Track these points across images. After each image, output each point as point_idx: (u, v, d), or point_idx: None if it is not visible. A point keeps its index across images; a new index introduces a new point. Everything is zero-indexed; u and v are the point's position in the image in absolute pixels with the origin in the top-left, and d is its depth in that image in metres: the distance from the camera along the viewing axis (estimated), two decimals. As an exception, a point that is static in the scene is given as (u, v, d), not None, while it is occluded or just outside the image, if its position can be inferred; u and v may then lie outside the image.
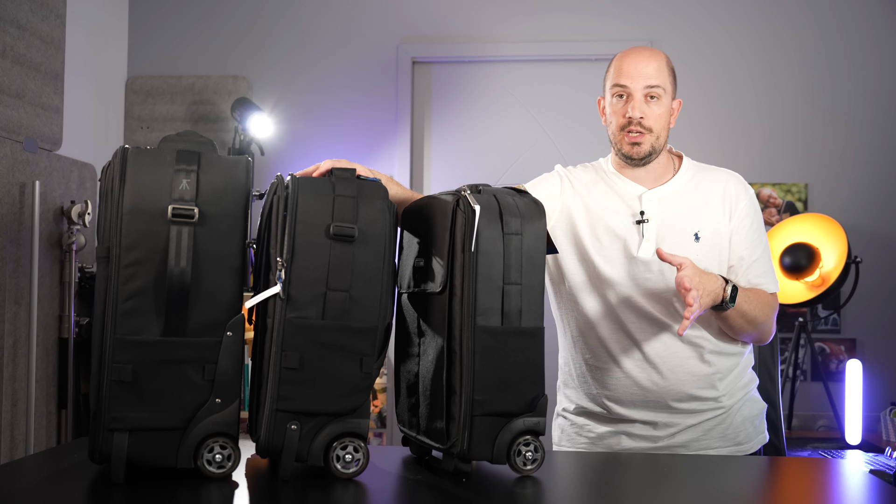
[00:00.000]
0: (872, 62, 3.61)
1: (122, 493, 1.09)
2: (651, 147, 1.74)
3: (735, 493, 1.24)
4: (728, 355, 1.73)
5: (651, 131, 1.73)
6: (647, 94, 1.72)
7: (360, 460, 1.18)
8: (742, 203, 1.76)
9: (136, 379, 1.11)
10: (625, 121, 1.73)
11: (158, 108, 3.74)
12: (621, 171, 1.80)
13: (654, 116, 1.73)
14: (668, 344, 1.68)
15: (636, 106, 1.72)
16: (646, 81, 1.72)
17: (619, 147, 1.77)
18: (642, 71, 1.72)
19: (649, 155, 1.75)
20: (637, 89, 1.72)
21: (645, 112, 1.72)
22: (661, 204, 1.74)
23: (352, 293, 1.16)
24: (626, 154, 1.75)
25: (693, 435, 1.70)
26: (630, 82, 1.72)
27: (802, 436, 3.28)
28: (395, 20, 3.75)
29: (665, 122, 1.76)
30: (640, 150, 1.74)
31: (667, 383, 1.67)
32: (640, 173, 1.78)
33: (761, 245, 1.76)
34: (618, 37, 3.65)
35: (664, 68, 1.75)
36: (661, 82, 1.73)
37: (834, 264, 3.14)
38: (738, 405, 1.73)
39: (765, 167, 3.63)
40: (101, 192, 1.17)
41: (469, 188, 1.24)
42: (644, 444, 1.70)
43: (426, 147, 3.79)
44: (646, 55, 1.75)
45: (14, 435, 2.48)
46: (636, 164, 1.76)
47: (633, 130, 1.72)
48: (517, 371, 1.20)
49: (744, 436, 1.74)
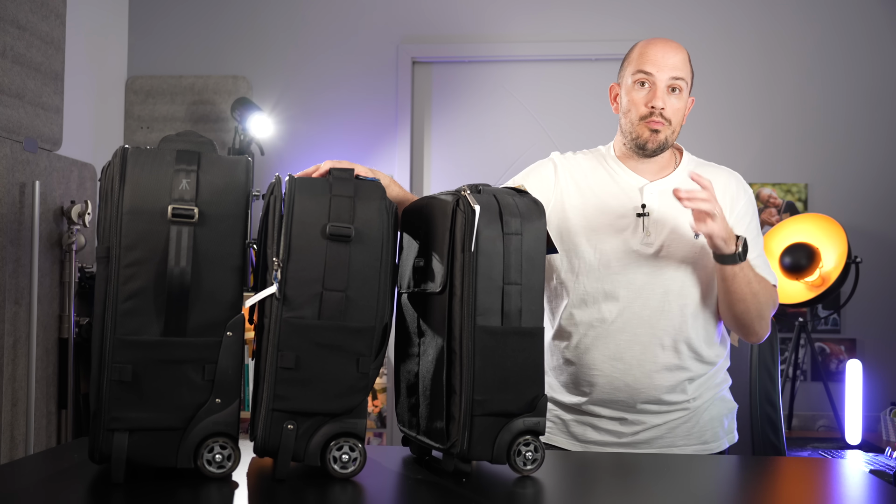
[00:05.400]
0: (872, 62, 3.61)
1: (122, 493, 1.09)
2: (666, 139, 1.71)
3: (735, 492, 1.24)
4: (705, 362, 1.72)
5: (670, 123, 1.70)
6: (670, 86, 1.69)
7: (357, 460, 1.17)
8: (741, 201, 1.75)
9: (136, 379, 1.11)
10: (647, 110, 1.69)
11: (158, 108, 3.74)
12: (624, 161, 1.77)
13: (674, 109, 1.70)
14: (647, 346, 1.67)
15: (660, 96, 1.68)
16: (671, 72, 1.68)
17: (635, 135, 1.72)
18: (669, 61, 1.69)
19: (662, 147, 1.72)
20: (662, 79, 1.68)
21: (667, 103, 1.69)
22: (663, 197, 1.71)
23: (348, 293, 1.16)
24: (643, 142, 1.71)
25: (658, 433, 1.70)
26: (656, 71, 1.68)
27: (802, 436, 3.28)
28: (395, 20, 3.75)
29: (681, 117, 1.73)
30: (657, 140, 1.70)
31: (639, 385, 1.66)
32: (643, 165, 1.75)
33: (759, 244, 1.75)
34: (618, 37, 3.65)
35: (687, 62, 1.72)
36: (685, 75, 1.70)
37: (834, 264, 3.14)
38: (706, 405, 1.73)
39: (765, 167, 3.63)
40: (101, 192, 1.17)
41: (469, 188, 1.24)
42: (609, 438, 1.70)
43: (426, 147, 3.79)
44: (673, 46, 1.71)
45: (14, 435, 2.48)
46: (646, 154, 1.73)
47: (656, 120, 1.69)
48: (517, 371, 1.20)
49: (710, 435, 1.73)
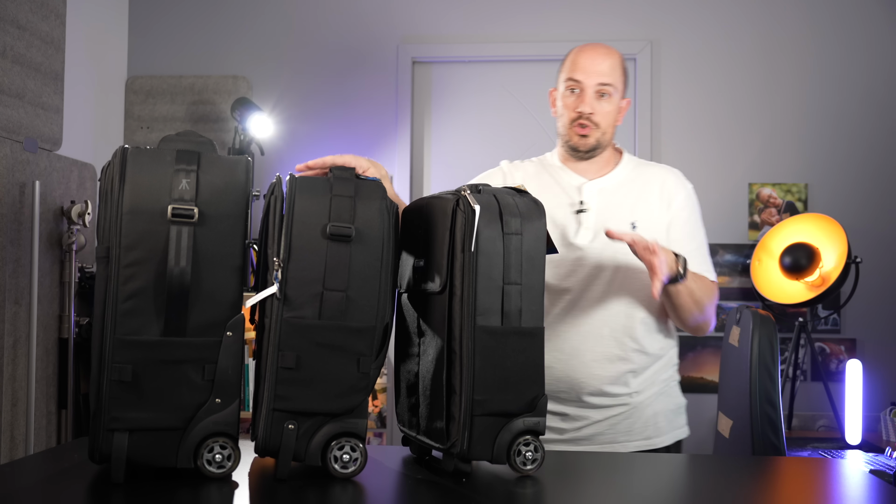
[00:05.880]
0: (872, 62, 3.61)
1: (122, 493, 1.09)
2: (597, 141, 1.80)
3: (735, 492, 1.24)
4: (649, 355, 1.75)
5: (598, 126, 1.79)
6: (599, 91, 1.78)
7: (357, 460, 1.17)
8: (680, 196, 1.81)
9: (136, 379, 1.11)
10: (575, 115, 1.79)
11: (158, 108, 3.73)
12: (566, 164, 1.87)
13: (603, 113, 1.79)
14: (588, 337, 1.70)
15: (587, 101, 1.77)
16: (598, 79, 1.77)
17: (567, 139, 1.83)
18: (596, 68, 1.77)
19: (595, 149, 1.81)
20: (590, 85, 1.77)
21: (595, 108, 1.78)
22: (601, 194, 1.78)
23: (349, 293, 1.16)
24: (574, 146, 1.81)
25: (599, 429, 1.72)
26: (584, 77, 1.78)
27: (802, 436, 3.29)
28: (395, 20, 3.75)
29: (612, 120, 1.82)
30: (587, 143, 1.80)
31: (581, 376, 1.68)
32: (584, 166, 1.84)
33: (699, 237, 1.80)
34: (618, 37, 3.65)
35: (617, 67, 1.80)
36: (614, 81, 1.78)
37: (834, 264, 3.14)
38: (650, 401, 1.75)
39: (765, 167, 3.63)
40: (100, 192, 1.17)
41: (469, 188, 1.24)
42: (551, 436, 1.71)
43: (426, 147, 3.79)
44: (601, 52, 1.79)
45: (14, 435, 2.48)
46: (581, 156, 1.83)
47: (583, 124, 1.78)
48: (517, 371, 1.20)
49: (653, 430, 1.75)
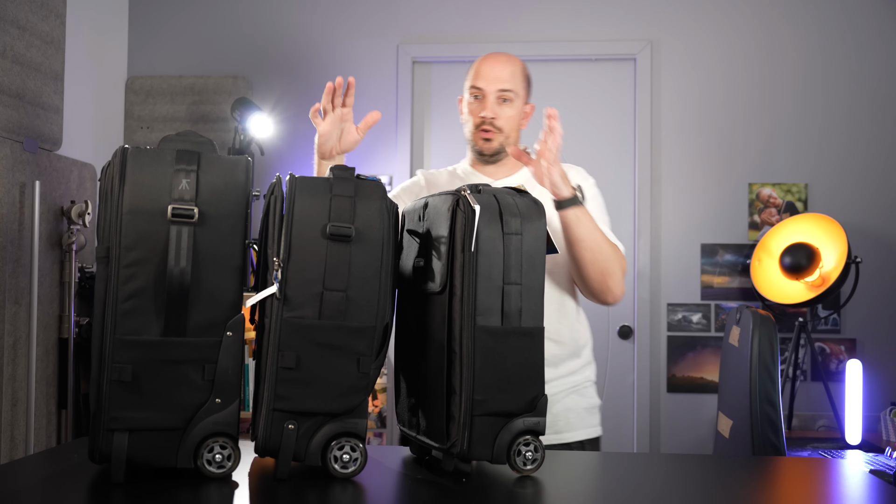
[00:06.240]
0: (872, 62, 3.61)
1: (122, 493, 1.09)
2: (500, 145, 1.91)
3: (735, 492, 1.24)
4: (561, 343, 1.81)
5: (501, 131, 1.90)
6: (500, 97, 1.88)
7: (357, 460, 1.17)
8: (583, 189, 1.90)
9: (136, 379, 1.11)
10: (479, 120, 1.90)
11: (158, 108, 3.73)
12: (475, 168, 1.98)
13: (506, 118, 1.90)
14: None
15: (489, 107, 1.87)
16: (500, 85, 1.88)
17: (472, 143, 1.94)
18: (497, 75, 1.88)
19: (499, 152, 1.92)
20: (491, 92, 1.88)
21: (497, 113, 1.88)
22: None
23: (349, 293, 1.16)
24: (479, 150, 1.92)
25: None
26: (485, 85, 1.88)
27: (802, 436, 3.29)
28: (395, 20, 3.75)
29: (515, 124, 1.92)
30: (491, 147, 1.90)
31: None
32: (492, 169, 1.95)
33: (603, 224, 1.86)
34: (618, 37, 3.65)
35: (518, 74, 1.91)
36: (514, 87, 1.90)
37: (834, 264, 3.14)
38: (559, 397, 1.83)
39: (765, 167, 3.63)
40: (100, 192, 1.17)
41: (469, 188, 1.24)
42: None
43: (426, 147, 3.79)
44: (502, 60, 1.90)
45: (14, 435, 2.49)
46: (487, 160, 1.94)
47: (486, 129, 1.89)
48: (517, 371, 1.20)
49: (563, 424, 1.83)
